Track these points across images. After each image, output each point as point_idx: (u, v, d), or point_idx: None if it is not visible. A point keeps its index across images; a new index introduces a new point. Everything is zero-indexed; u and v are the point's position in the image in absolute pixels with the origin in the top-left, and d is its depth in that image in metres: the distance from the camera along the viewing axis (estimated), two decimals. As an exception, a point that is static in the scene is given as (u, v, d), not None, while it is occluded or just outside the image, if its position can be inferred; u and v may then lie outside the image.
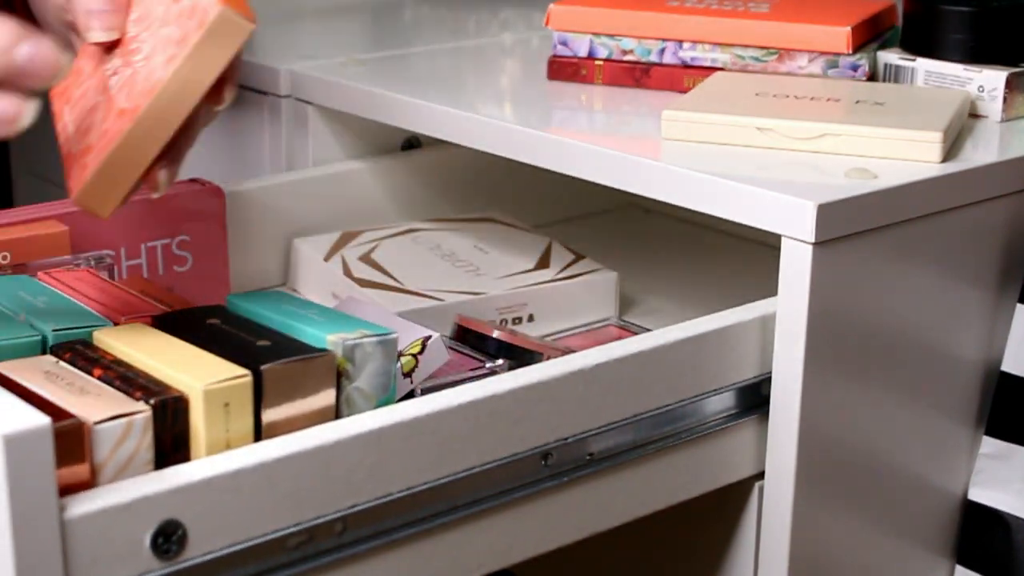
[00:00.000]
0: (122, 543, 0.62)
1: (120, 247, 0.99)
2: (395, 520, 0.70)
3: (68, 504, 0.61)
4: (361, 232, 1.12)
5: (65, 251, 0.92)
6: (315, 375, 0.70)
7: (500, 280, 1.07)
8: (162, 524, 0.63)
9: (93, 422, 0.63)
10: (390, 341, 0.74)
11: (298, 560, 0.67)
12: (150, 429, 0.65)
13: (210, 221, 1.04)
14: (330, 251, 1.09)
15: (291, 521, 0.67)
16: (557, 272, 1.08)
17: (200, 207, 1.03)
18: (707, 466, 0.84)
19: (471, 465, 0.73)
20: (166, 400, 0.66)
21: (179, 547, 0.63)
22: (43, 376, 0.68)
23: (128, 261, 1.00)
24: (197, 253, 1.04)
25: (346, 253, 1.09)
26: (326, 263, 1.07)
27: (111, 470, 0.64)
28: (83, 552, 0.61)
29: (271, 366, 0.69)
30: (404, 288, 1.04)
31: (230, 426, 0.67)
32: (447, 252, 1.11)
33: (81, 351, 0.71)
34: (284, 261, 1.12)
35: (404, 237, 1.13)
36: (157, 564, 0.63)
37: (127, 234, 0.99)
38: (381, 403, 0.73)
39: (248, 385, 0.68)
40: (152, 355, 0.70)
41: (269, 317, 0.76)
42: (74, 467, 0.62)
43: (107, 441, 0.64)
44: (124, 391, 0.67)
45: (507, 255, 1.11)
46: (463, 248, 1.12)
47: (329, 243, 1.10)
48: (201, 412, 0.66)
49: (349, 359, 0.72)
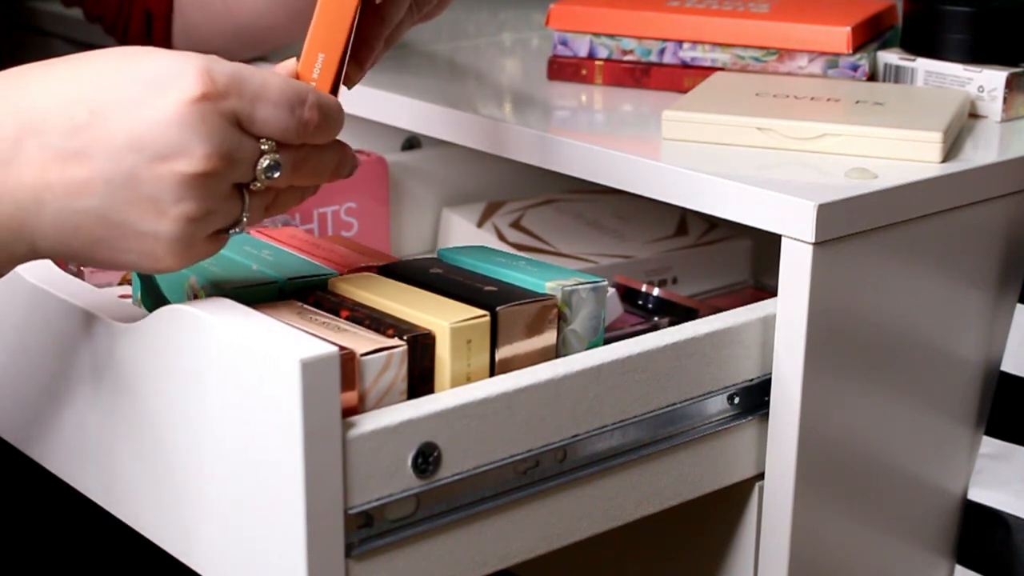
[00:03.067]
0: (389, 462, 0.69)
1: (296, 212, 1.08)
2: (608, 450, 0.78)
3: (348, 424, 0.68)
4: (505, 203, 1.19)
5: None
6: (541, 317, 0.77)
7: (645, 245, 1.14)
8: (422, 446, 0.70)
9: (360, 354, 0.69)
10: (601, 288, 0.80)
11: (526, 484, 0.75)
12: (405, 362, 0.72)
13: (374, 189, 1.12)
14: (481, 219, 1.16)
15: (524, 448, 0.74)
16: (697, 238, 1.15)
17: (366, 176, 1.12)
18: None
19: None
20: (417, 336, 0.73)
21: (435, 467, 0.71)
22: (297, 317, 0.74)
23: (303, 226, 1.08)
24: (362, 218, 1.13)
25: (496, 221, 1.16)
26: (479, 229, 1.14)
27: (373, 398, 0.71)
28: (359, 468, 0.68)
29: (506, 308, 0.75)
30: (559, 252, 1.11)
31: (471, 361, 0.74)
32: (590, 220, 1.18)
33: (322, 296, 0.78)
34: (429, 229, 1.20)
35: (547, 206, 1.20)
36: (417, 482, 0.70)
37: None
38: (591, 345, 0.80)
39: (487, 324, 0.74)
40: (391, 299, 0.76)
41: (484, 267, 0.83)
42: (347, 393, 0.69)
43: (372, 371, 0.70)
44: (375, 329, 0.73)
45: (646, 223, 1.18)
46: (604, 216, 1.19)
47: (478, 212, 1.17)
48: (448, 347, 0.73)
49: (567, 303, 0.79)
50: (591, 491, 0.78)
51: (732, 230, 1.16)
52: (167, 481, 0.74)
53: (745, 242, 1.16)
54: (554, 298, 0.78)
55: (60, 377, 0.80)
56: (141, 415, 0.75)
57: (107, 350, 0.76)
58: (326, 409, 0.66)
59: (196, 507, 0.72)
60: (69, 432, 0.81)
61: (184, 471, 0.73)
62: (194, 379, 0.70)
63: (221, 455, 0.70)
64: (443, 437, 0.71)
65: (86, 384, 0.78)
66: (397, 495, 0.69)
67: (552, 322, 0.78)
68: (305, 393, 0.65)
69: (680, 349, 0.80)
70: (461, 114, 1.01)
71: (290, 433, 0.65)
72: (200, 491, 0.72)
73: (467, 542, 0.73)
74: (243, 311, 0.70)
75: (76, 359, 0.79)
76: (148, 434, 0.75)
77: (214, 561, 0.72)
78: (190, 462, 0.72)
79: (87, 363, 0.78)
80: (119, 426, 0.77)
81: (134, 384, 0.75)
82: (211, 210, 0.67)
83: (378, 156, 1.15)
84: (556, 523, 0.77)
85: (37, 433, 0.84)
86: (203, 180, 0.66)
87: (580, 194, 1.23)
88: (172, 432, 0.73)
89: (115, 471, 0.78)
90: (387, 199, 1.15)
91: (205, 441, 0.71)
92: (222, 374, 0.69)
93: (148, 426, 0.75)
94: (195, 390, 0.71)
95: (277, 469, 0.66)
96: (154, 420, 0.74)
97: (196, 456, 0.71)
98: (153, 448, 0.75)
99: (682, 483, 0.83)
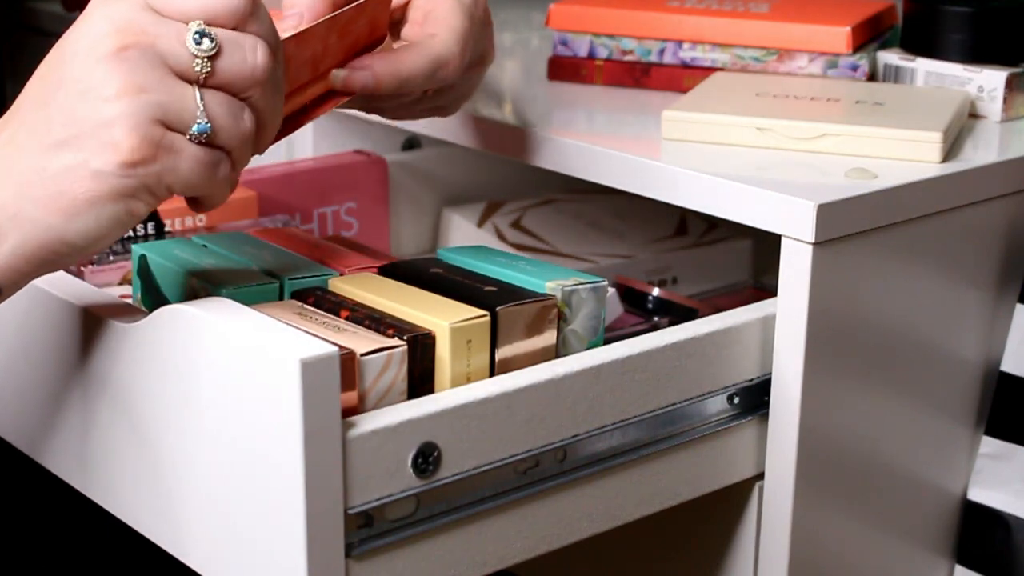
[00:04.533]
0: (389, 461, 0.69)
1: (296, 212, 1.08)
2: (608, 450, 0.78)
3: (348, 424, 0.68)
4: (505, 203, 1.20)
5: (253, 214, 1.00)
6: (541, 317, 0.77)
7: (644, 245, 1.14)
8: (422, 446, 0.70)
9: (360, 354, 0.70)
10: (601, 288, 0.80)
11: (526, 484, 0.75)
12: (405, 362, 0.72)
13: (374, 189, 1.13)
14: (481, 219, 1.16)
15: (524, 448, 0.74)
16: (697, 238, 1.16)
17: (366, 176, 1.13)
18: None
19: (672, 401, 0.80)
20: (417, 336, 0.73)
21: (435, 467, 0.71)
22: (297, 317, 0.74)
23: (303, 225, 1.09)
24: (362, 218, 1.13)
25: (496, 221, 1.16)
26: (479, 229, 1.14)
27: (373, 398, 0.71)
28: (359, 468, 0.68)
29: (506, 308, 0.75)
30: (559, 252, 1.11)
31: (471, 361, 0.74)
32: (590, 220, 1.19)
33: (322, 296, 0.78)
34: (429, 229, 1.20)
35: (547, 207, 1.21)
36: (417, 482, 0.70)
37: (302, 200, 1.09)
38: (591, 345, 0.80)
39: (487, 324, 0.75)
40: (391, 299, 0.76)
41: (483, 267, 0.83)
42: (347, 393, 0.69)
43: (372, 371, 0.70)
44: (375, 329, 0.73)
45: (646, 223, 1.18)
46: (604, 216, 1.19)
47: (478, 212, 1.17)
48: (447, 348, 0.73)
49: (567, 303, 0.79)
50: (591, 491, 0.78)
51: (732, 230, 1.16)
52: (167, 481, 0.74)
53: (745, 242, 1.17)
54: (554, 298, 0.78)
55: (60, 377, 0.80)
56: (141, 415, 0.75)
57: (107, 350, 0.76)
58: (326, 409, 0.66)
59: (196, 507, 0.72)
60: (69, 432, 0.81)
61: (184, 471, 0.73)
62: (194, 379, 0.70)
63: (221, 455, 0.70)
64: (443, 437, 0.71)
65: (86, 384, 0.78)
66: (397, 495, 0.69)
67: (552, 322, 0.78)
68: (305, 393, 0.65)
69: (680, 349, 0.80)
70: (461, 114, 1.01)
71: (290, 433, 0.65)
72: (200, 491, 0.72)
73: (467, 542, 0.73)
74: (243, 311, 0.70)
75: (76, 359, 0.79)
76: (148, 434, 0.75)
77: (213, 561, 0.72)
78: (190, 462, 0.72)
79: (87, 363, 0.78)
80: (119, 426, 0.77)
81: (134, 384, 0.75)
82: (145, 87, 0.65)
83: (378, 156, 1.15)
84: (556, 523, 0.77)
85: (37, 433, 0.84)
86: (122, 55, 0.65)
87: (580, 194, 1.23)
88: (172, 432, 0.73)
89: (115, 471, 0.78)
90: (387, 199, 1.15)
91: (205, 441, 0.71)
92: (222, 374, 0.69)
93: (148, 426, 0.75)
94: (195, 390, 0.71)
95: (277, 469, 0.66)
96: (154, 420, 0.74)
97: (196, 456, 0.71)
98: (153, 448, 0.75)
99: (682, 483, 0.83)
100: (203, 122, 0.67)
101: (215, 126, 0.67)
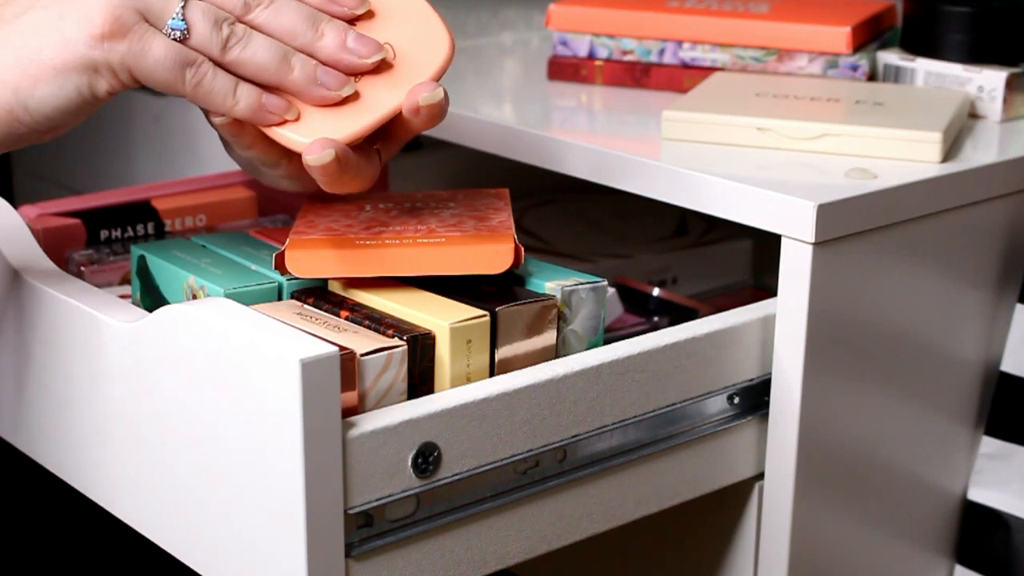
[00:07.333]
0: (390, 461, 0.69)
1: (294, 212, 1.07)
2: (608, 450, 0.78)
3: (348, 424, 0.68)
4: None
5: (253, 214, 1.00)
6: (541, 317, 0.77)
7: (645, 245, 1.14)
8: (422, 446, 0.70)
9: (360, 353, 0.70)
10: (600, 288, 0.80)
11: (526, 484, 0.75)
12: (405, 362, 0.72)
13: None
14: None
15: (524, 448, 0.74)
16: (697, 238, 1.16)
17: None
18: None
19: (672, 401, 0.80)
20: (417, 336, 0.73)
21: (435, 467, 0.71)
22: (297, 317, 0.74)
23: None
24: None
25: None
26: None
27: (373, 398, 0.71)
28: (359, 468, 0.68)
29: (506, 308, 0.75)
30: (559, 252, 1.11)
31: (471, 361, 0.74)
32: (590, 220, 1.19)
33: (322, 296, 0.78)
34: None
35: (547, 207, 1.21)
36: (417, 482, 0.70)
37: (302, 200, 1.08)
38: (590, 345, 0.80)
39: (487, 324, 0.75)
40: (390, 299, 0.77)
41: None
42: (347, 393, 0.69)
43: (371, 371, 0.70)
44: (375, 330, 0.74)
45: (646, 223, 1.18)
46: (604, 216, 1.20)
47: None
48: (447, 348, 0.73)
49: (566, 303, 0.79)
50: (591, 491, 0.78)
51: (732, 230, 1.16)
52: (167, 481, 0.74)
53: (745, 242, 1.17)
54: (554, 298, 0.78)
55: (60, 377, 0.81)
56: (141, 415, 0.75)
57: (107, 350, 0.76)
58: (326, 409, 0.66)
59: (196, 507, 0.73)
60: (69, 432, 0.81)
61: (184, 471, 0.73)
62: (194, 379, 0.71)
63: (221, 455, 0.70)
64: (443, 437, 0.71)
65: (86, 384, 0.79)
66: (397, 495, 0.69)
67: (552, 322, 0.78)
68: (305, 393, 0.65)
69: (680, 349, 0.80)
70: (461, 114, 1.01)
71: (290, 433, 0.65)
72: (200, 491, 0.72)
73: (467, 542, 0.73)
74: (243, 311, 0.71)
75: (76, 359, 0.79)
76: (148, 434, 0.75)
77: (214, 561, 0.72)
78: (190, 462, 0.72)
79: (87, 363, 0.78)
80: (119, 426, 0.77)
81: (134, 384, 0.75)
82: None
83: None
84: (556, 523, 0.77)
85: (37, 433, 0.84)
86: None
87: (580, 194, 1.23)
88: (172, 432, 0.73)
89: (115, 471, 0.78)
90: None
91: (205, 441, 0.71)
92: (222, 374, 0.69)
93: (148, 426, 0.75)
94: (195, 390, 0.71)
95: (277, 469, 0.66)
96: (154, 420, 0.74)
97: (196, 456, 0.72)
98: (153, 448, 0.75)
99: (682, 483, 0.83)
100: (178, 19, 0.71)
101: (191, 27, 0.71)
